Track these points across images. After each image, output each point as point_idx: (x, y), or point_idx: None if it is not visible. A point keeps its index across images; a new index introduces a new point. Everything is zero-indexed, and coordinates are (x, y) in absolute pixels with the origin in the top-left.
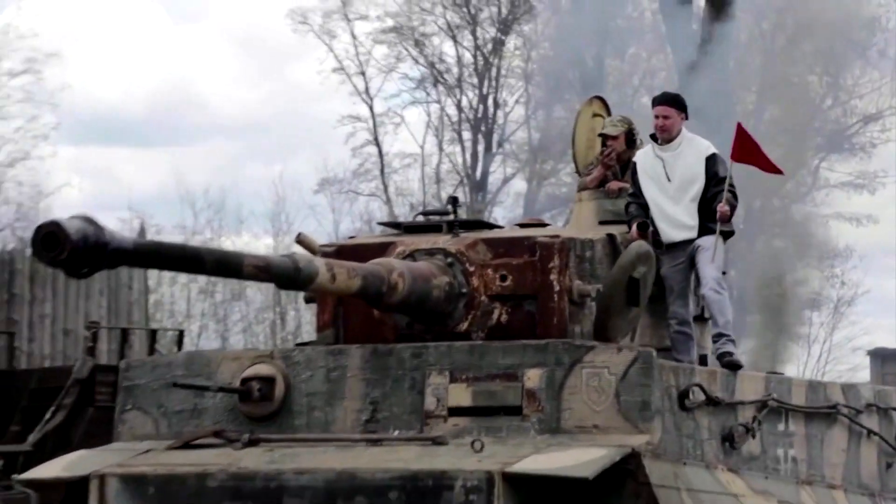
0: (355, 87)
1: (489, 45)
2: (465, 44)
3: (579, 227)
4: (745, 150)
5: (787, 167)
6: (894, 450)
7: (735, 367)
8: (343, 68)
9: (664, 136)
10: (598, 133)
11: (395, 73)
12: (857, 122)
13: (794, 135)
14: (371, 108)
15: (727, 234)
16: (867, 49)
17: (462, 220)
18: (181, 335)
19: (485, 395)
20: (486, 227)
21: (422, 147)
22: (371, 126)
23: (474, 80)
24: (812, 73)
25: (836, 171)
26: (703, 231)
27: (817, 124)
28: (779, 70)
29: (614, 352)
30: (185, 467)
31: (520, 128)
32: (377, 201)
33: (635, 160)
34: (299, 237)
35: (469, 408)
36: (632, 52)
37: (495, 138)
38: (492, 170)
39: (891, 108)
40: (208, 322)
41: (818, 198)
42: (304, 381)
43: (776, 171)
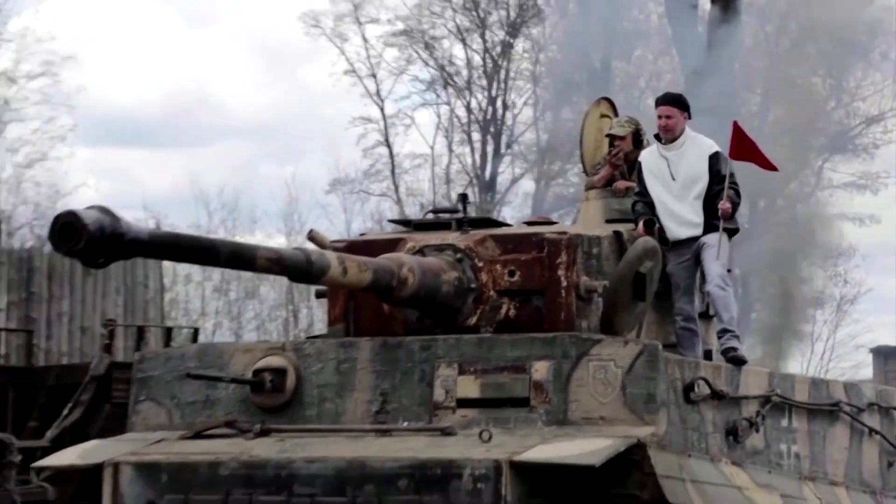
0: (366, 89)
1: (498, 48)
2: (474, 47)
3: (586, 226)
4: (743, 147)
5: (790, 167)
6: (895, 448)
7: (739, 362)
8: (354, 71)
9: (667, 136)
10: (606, 133)
11: (405, 75)
12: (859, 124)
13: (797, 136)
14: (382, 110)
15: (732, 232)
16: (869, 52)
17: (471, 217)
18: (196, 333)
19: (493, 387)
20: (495, 224)
21: (432, 148)
22: (382, 127)
23: (483, 82)
24: (815, 75)
25: (840, 171)
26: (708, 228)
27: (821, 125)
28: (783, 72)
29: (621, 345)
30: (197, 456)
31: (528, 129)
32: (388, 201)
33: (640, 160)
34: (311, 234)
35: (477, 399)
36: (638, 54)
37: (504, 139)
38: (501, 170)
39: (893, 109)
40: (222, 320)
41: (822, 198)
42: (315, 373)
43: (772, 168)
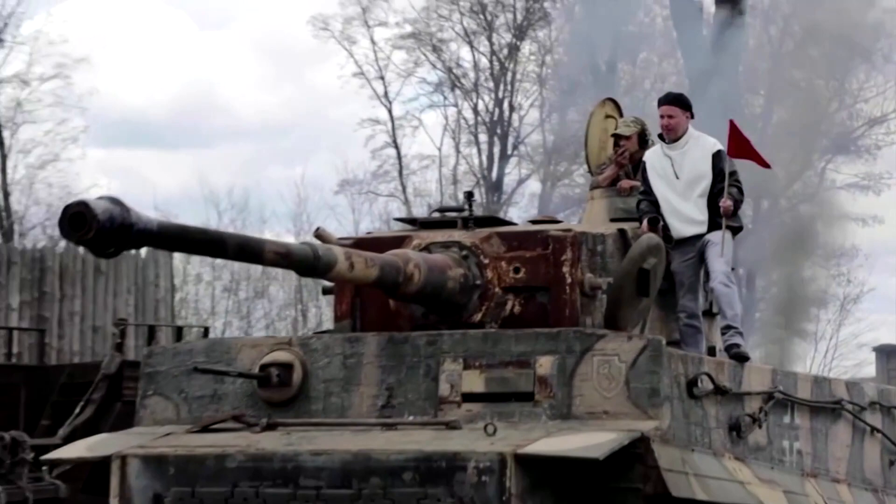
0: (374, 91)
1: (505, 51)
2: (481, 49)
3: (591, 224)
4: (739, 146)
5: (794, 169)
6: None
7: (742, 358)
8: (363, 73)
9: (670, 135)
10: (612, 133)
11: (413, 77)
12: (862, 125)
13: (801, 137)
14: (390, 112)
15: (736, 230)
16: (872, 54)
17: (476, 216)
18: (206, 332)
19: (498, 382)
20: (500, 223)
21: (439, 149)
22: (390, 129)
23: (490, 84)
24: (819, 77)
25: (842, 172)
26: (713, 226)
27: (824, 127)
28: (786, 74)
29: (624, 340)
30: (204, 449)
31: (534, 130)
32: (396, 202)
33: (645, 159)
34: (317, 232)
35: (482, 394)
36: (643, 56)
37: (511, 141)
38: (507, 171)
39: (895, 111)
40: (232, 319)
41: (825, 198)
42: (322, 368)
43: (765, 165)
